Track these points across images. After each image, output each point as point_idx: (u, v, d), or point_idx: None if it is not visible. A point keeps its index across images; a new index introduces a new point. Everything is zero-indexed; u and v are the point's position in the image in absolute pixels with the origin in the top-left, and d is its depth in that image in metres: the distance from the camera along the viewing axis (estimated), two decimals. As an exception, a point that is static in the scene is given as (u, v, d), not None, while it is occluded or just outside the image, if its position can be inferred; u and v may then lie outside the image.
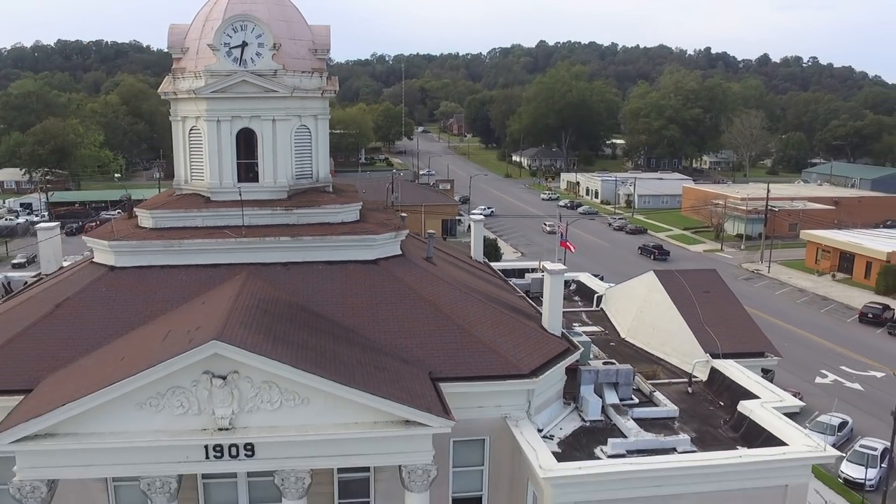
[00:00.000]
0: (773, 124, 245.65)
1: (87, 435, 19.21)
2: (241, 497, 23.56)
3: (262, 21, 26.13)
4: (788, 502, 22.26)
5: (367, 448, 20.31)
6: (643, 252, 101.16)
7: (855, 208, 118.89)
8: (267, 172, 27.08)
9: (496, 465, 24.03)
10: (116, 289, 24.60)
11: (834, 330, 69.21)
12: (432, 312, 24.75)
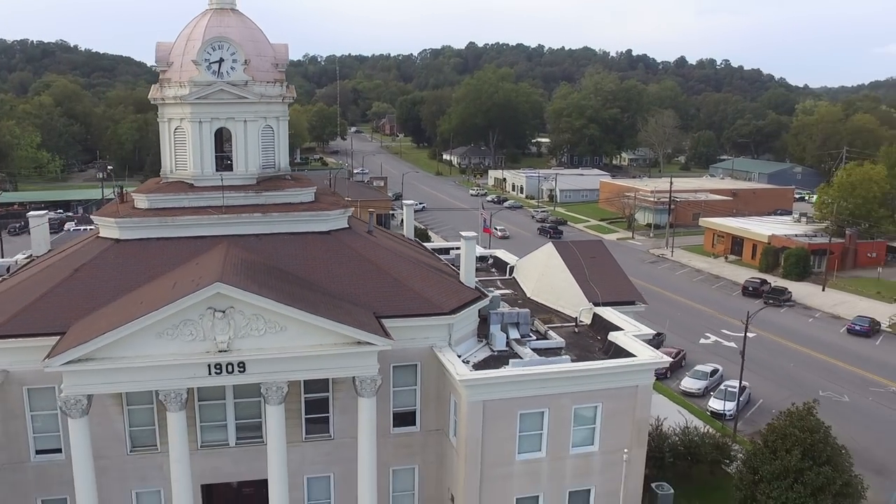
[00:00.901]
0: (687, 123, 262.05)
1: (119, 358, 25.71)
2: (228, 415, 30.34)
3: (235, 41, 32.85)
4: (638, 400, 30.56)
5: (329, 363, 27.47)
6: (541, 232, 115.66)
7: (750, 199, 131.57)
8: (240, 163, 33.80)
9: (426, 385, 31.49)
10: (123, 256, 30.94)
11: (720, 302, 79.55)
12: (374, 269, 32.03)
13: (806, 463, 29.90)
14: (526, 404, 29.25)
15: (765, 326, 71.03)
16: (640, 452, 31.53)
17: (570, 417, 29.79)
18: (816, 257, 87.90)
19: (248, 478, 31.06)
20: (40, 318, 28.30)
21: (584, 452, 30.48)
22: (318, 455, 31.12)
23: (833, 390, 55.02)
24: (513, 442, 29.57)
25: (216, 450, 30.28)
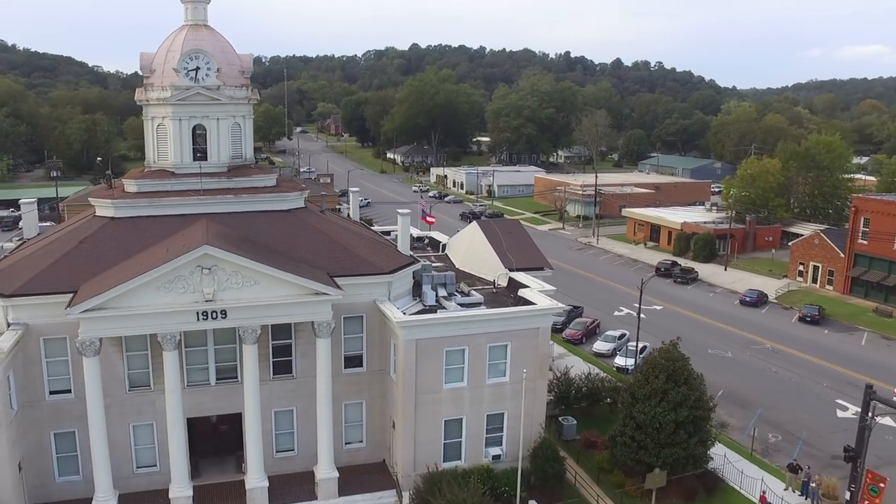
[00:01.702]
0: (621, 123, 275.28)
1: (125, 307, 32.38)
2: (209, 359, 37.17)
3: (208, 52, 39.68)
4: (539, 339, 38.66)
5: (293, 311, 34.65)
6: (463, 217, 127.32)
7: (672, 192, 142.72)
8: (213, 154, 40.64)
9: (370, 333, 38.90)
10: (118, 231, 37.48)
11: (635, 281, 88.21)
12: (327, 240, 39.32)
13: (669, 385, 38.36)
14: (450, 343, 36.99)
15: (673, 301, 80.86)
16: (543, 383, 39.70)
17: (485, 354, 37.66)
18: (721, 241, 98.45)
19: (225, 412, 37.93)
20: (54, 280, 34.66)
21: (497, 382, 38.40)
22: (283, 391, 38.20)
23: (720, 348, 64.56)
24: (440, 374, 37.25)
25: (200, 388, 37.05)
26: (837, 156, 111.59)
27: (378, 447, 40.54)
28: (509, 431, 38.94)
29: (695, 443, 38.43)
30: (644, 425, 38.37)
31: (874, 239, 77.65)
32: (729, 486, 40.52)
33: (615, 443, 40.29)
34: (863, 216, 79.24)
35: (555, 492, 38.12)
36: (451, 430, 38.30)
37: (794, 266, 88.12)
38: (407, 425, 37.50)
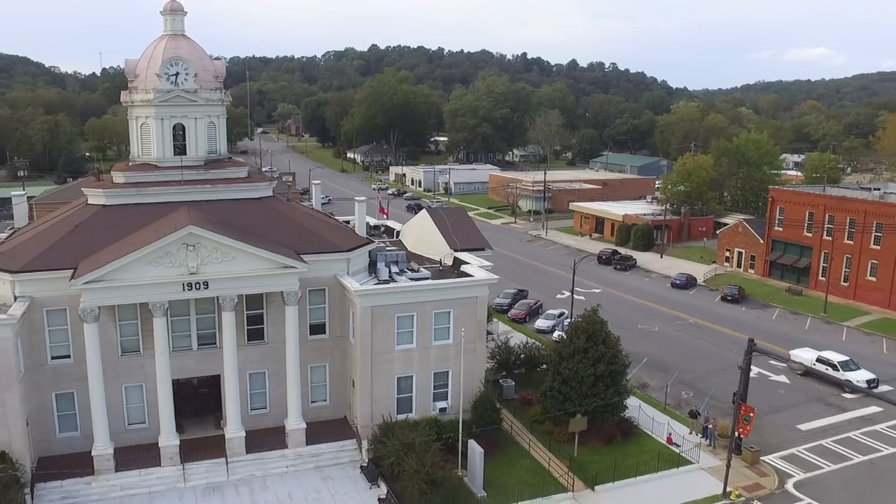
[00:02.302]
0: (575, 122, 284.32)
1: (121, 280, 37.82)
2: (192, 327, 42.68)
3: (187, 59, 45.19)
4: (478, 306, 45.08)
5: (265, 282, 40.46)
6: (409, 209, 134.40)
7: (619, 188, 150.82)
8: (191, 149, 46.14)
9: (332, 303, 44.83)
10: (110, 216, 42.78)
11: (580, 268, 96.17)
12: (293, 224, 45.17)
13: (589, 344, 45.09)
14: (401, 310, 43.16)
15: (611, 285, 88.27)
16: (481, 344, 46.16)
17: (431, 319, 43.91)
18: (658, 231, 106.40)
19: (206, 374, 43.52)
20: (56, 258, 39.88)
21: (442, 344, 44.67)
22: (256, 355, 43.89)
23: (649, 324, 71.92)
24: (392, 337, 43.39)
25: (183, 353, 42.51)
26: (765, 153, 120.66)
27: (340, 405, 46.51)
28: (453, 387, 45.27)
29: (611, 393, 45.25)
30: (569, 379, 45.04)
31: (788, 226, 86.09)
32: (642, 431, 47.47)
33: (545, 397, 46.92)
34: (778, 206, 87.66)
35: (493, 438, 44.46)
36: (402, 386, 44.46)
37: (721, 252, 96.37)
38: (364, 383, 43.55)
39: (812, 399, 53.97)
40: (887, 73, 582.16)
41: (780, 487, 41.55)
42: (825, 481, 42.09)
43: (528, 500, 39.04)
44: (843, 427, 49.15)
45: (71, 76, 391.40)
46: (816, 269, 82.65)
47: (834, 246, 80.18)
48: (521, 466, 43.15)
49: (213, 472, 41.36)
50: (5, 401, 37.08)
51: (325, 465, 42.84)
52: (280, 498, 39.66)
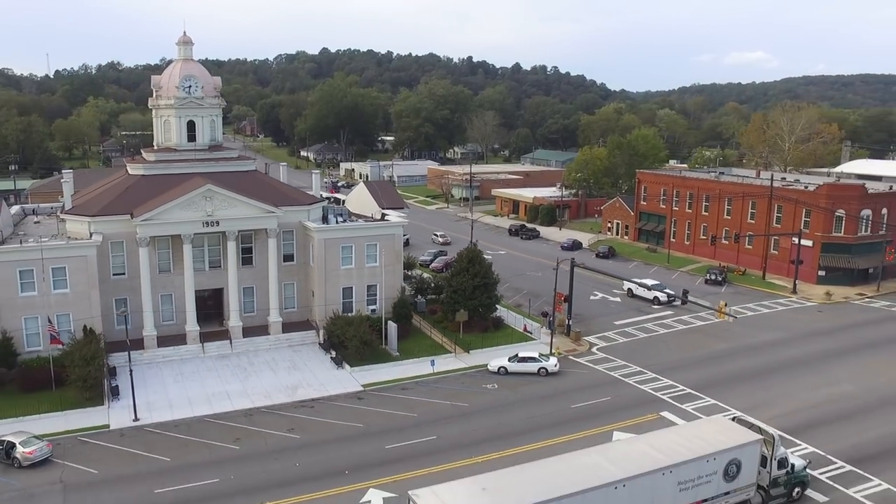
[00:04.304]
0: (513, 122, 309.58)
1: (164, 219, 59.55)
2: (205, 254, 64.41)
3: (196, 76, 66.96)
4: (395, 240, 67.98)
5: (255, 222, 62.69)
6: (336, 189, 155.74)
7: (539, 178, 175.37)
8: (199, 137, 67.87)
9: (298, 240, 67.09)
10: (148, 182, 64.28)
11: (493, 238, 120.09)
12: (271, 188, 67.37)
13: (469, 265, 68.11)
14: (344, 242, 65.62)
15: (517, 249, 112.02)
16: (399, 266, 68.99)
17: (364, 247, 66.48)
18: (560, 210, 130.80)
19: (213, 287, 65.23)
20: (116, 207, 61.22)
21: (372, 265, 67.24)
22: (247, 275, 65.73)
23: (535, 272, 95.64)
24: (339, 260, 65.76)
25: (199, 272, 64.09)
26: (652, 146, 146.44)
27: (304, 311, 68.67)
28: (380, 295, 67.89)
29: (485, 298, 68.49)
30: (457, 288, 68.14)
31: (650, 201, 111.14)
32: (509, 325, 70.86)
33: (443, 302, 69.98)
34: (643, 185, 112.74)
35: (406, 328, 67.14)
36: (346, 294, 66.88)
37: (605, 224, 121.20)
38: (320, 291, 65.91)
39: (631, 309, 78.35)
40: (812, 76, 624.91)
41: (588, 350, 65.41)
42: (617, 347, 66.13)
43: (425, 356, 61.78)
44: (642, 322, 73.50)
45: (27, 78, 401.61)
46: (669, 233, 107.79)
47: (679, 214, 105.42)
48: (425, 344, 66.05)
49: (222, 349, 63.25)
50: (90, 296, 58.33)
51: (295, 344, 65.15)
52: (267, 360, 61.76)
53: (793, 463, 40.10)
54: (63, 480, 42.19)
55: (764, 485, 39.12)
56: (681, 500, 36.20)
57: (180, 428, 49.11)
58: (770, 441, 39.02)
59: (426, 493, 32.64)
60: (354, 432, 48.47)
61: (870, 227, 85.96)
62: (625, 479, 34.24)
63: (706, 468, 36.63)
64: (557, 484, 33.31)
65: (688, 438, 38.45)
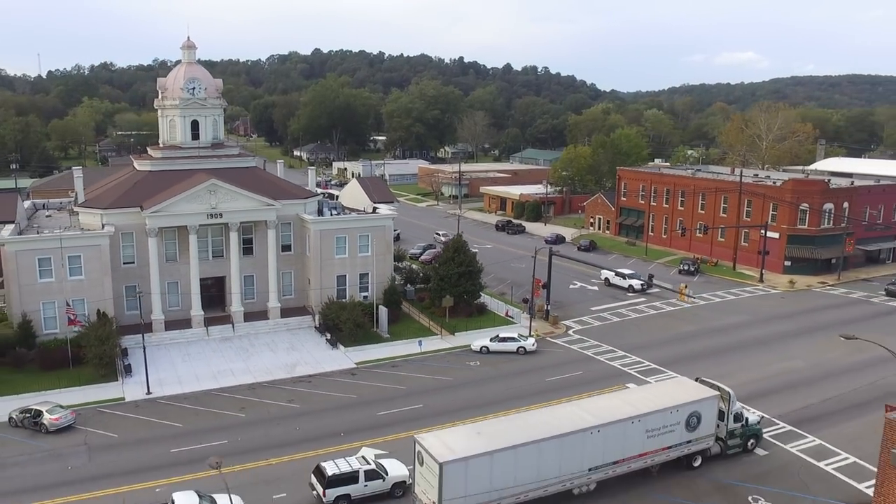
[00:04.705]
0: (504, 122, 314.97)
1: (171, 211, 64.34)
2: (209, 244, 69.24)
3: (200, 79, 71.76)
4: (385, 231, 72.97)
5: (256, 214, 67.56)
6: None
7: (526, 176, 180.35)
8: (202, 136, 72.65)
9: (295, 231, 71.97)
10: (155, 177, 69.02)
11: (481, 233, 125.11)
12: (270, 183, 72.24)
13: (455, 254, 73.14)
14: (338, 233, 70.53)
15: (502, 243, 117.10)
16: (389, 256, 73.94)
17: (356, 238, 71.41)
18: (545, 206, 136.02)
19: (216, 275, 70.03)
20: (127, 200, 65.96)
21: (364, 255, 72.16)
22: (248, 264, 70.56)
23: (519, 264, 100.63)
24: (333, 250, 70.65)
25: (203, 260, 68.90)
26: (634, 145, 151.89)
27: (301, 298, 73.52)
28: (371, 282, 72.83)
29: (469, 285, 73.53)
30: (444, 276, 73.16)
31: (629, 196, 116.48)
32: (492, 311, 75.90)
33: (430, 290, 74.98)
34: (623, 182, 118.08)
35: (396, 313, 72.10)
36: (340, 281, 71.78)
37: (588, 219, 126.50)
38: (316, 279, 70.80)
39: (608, 296, 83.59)
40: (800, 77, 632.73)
41: (565, 332, 70.56)
42: (591, 329, 71.30)
43: (414, 338, 66.69)
44: (617, 308, 78.73)
45: (20, 79, 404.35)
46: (647, 227, 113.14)
47: (656, 209, 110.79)
48: (413, 327, 71.02)
49: (224, 332, 68.07)
50: (104, 282, 63.04)
51: (293, 328, 70.04)
52: (267, 342, 66.63)
53: (747, 417, 45.63)
54: (87, 443, 46.99)
55: (722, 436, 44.67)
56: (649, 446, 41.66)
57: (189, 400, 53.95)
58: (726, 397, 44.42)
59: (430, 436, 37.99)
60: (349, 402, 53.44)
61: (832, 220, 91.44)
62: (599, 426, 39.75)
63: (670, 419, 42.03)
64: (541, 429, 38.82)
65: (655, 395, 44.09)
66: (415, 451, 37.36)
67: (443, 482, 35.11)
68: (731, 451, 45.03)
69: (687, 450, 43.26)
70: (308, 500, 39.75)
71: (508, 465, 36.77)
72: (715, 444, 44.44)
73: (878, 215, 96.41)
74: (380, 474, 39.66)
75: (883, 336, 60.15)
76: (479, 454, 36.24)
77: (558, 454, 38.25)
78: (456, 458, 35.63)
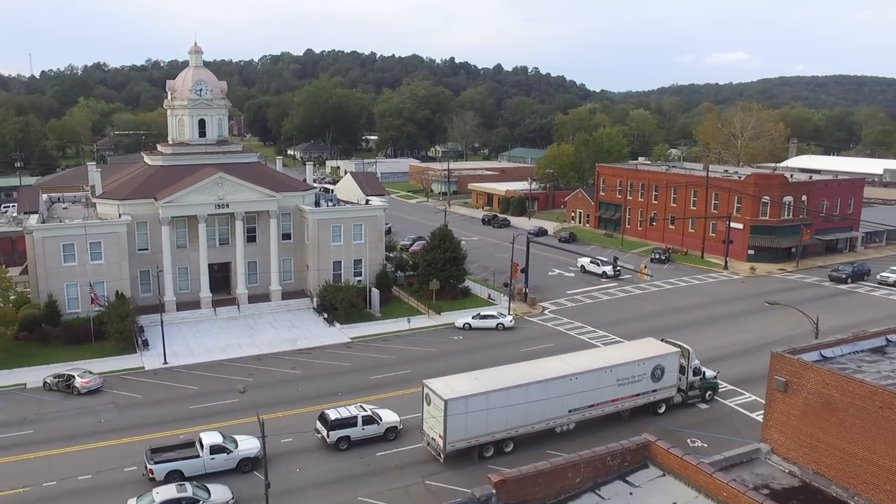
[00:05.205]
0: (494, 122, 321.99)
1: (183, 202, 70.88)
2: (216, 232, 75.77)
3: (206, 81, 78.28)
4: (377, 221, 79.70)
5: (259, 205, 74.15)
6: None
7: (514, 173, 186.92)
8: (209, 133, 79.17)
9: (295, 221, 78.61)
10: (165, 171, 75.51)
11: (467, 226, 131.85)
12: (271, 177, 78.84)
13: (441, 242, 79.84)
14: (334, 222, 77.18)
15: (488, 236, 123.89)
16: (380, 244, 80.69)
17: (351, 227, 78.07)
18: (529, 202, 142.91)
19: (222, 261, 76.51)
20: (141, 192, 72.42)
21: (357, 242, 78.84)
22: (251, 250, 77.09)
23: (502, 254, 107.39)
24: (329, 237, 77.29)
25: (211, 247, 75.40)
26: (615, 143, 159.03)
27: (300, 282, 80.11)
28: (365, 267, 79.48)
29: (454, 270, 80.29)
30: (430, 262, 79.91)
31: (608, 191, 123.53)
32: (476, 294, 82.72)
33: (419, 274, 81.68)
34: (602, 177, 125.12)
35: (387, 295, 78.80)
36: (336, 267, 78.40)
37: (569, 213, 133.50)
38: (314, 264, 77.42)
39: (583, 281, 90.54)
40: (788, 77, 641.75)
41: (541, 312, 77.43)
42: (565, 310, 78.23)
43: (403, 317, 73.37)
44: (590, 291, 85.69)
45: (15, 79, 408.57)
46: (624, 219, 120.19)
47: (632, 203, 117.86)
48: (403, 308, 77.73)
49: (231, 312, 74.61)
50: (121, 266, 69.46)
51: (293, 309, 76.65)
52: (269, 321, 73.20)
53: (705, 372, 53.05)
54: (115, 402, 53.55)
55: (683, 388, 52.19)
56: (619, 393, 49.20)
57: (202, 368, 60.51)
58: (686, 354, 51.98)
59: (436, 380, 45.56)
60: (345, 369, 60.14)
61: (792, 212, 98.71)
62: (577, 374, 47.40)
63: (637, 370, 49.61)
64: (529, 376, 46.38)
65: (625, 350, 52.55)
66: (423, 394, 44.51)
67: (447, 417, 42.16)
68: (692, 400, 52.47)
69: (653, 397, 50.70)
70: (311, 442, 46.44)
71: (501, 404, 44.00)
72: (677, 395, 51.94)
73: (836, 208, 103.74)
74: (375, 420, 46.43)
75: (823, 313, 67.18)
76: (477, 393, 43.62)
77: (543, 396, 45.62)
78: (458, 395, 42.91)
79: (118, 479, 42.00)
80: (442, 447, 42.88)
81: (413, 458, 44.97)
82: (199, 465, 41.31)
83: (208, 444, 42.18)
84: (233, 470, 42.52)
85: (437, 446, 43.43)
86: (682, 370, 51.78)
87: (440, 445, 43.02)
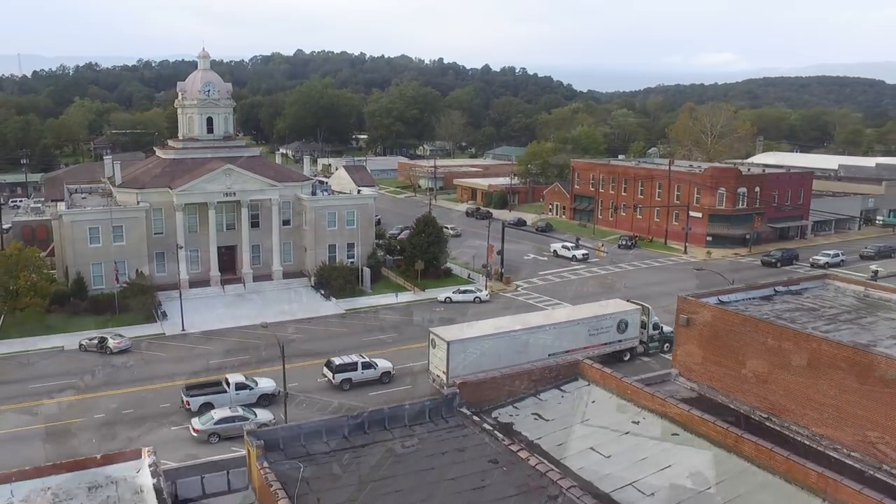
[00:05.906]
0: (480, 121, 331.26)
1: (195, 189, 79.70)
2: (223, 218, 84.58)
3: (214, 83, 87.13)
4: (367, 208, 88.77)
5: (262, 193, 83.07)
6: None
7: (496, 170, 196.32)
8: (216, 130, 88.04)
9: (294, 208, 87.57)
10: (177, 164, 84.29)
11: (455, 219, 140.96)
12: (272, 168, 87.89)
13: (425, 227, 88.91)
14: (329, 209, 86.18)
15: (472, 226, 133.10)
16: (371, 229, 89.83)
17: (345, 214, 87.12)
18: (510, 196, 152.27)
19: (229, 244, 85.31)
20: (157, 182, 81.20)
21: (350, 227, 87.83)
22: (255, 235, 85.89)
23: (483, 241, 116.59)
24: (326, 222, 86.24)
25: (219, 231, 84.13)
26: (593, 141, 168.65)
27: (298, 264, 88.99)
28: (357, 249, 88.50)
29: (437, 252, 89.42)
30: (416, 245, 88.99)
31: (582, 184, 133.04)
32: (457, 275, 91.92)
33: (405, 257, 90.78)
34: (577, 172, 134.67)
35: (377, 274, 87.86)
36: (331, 250, 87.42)
37: (547, 206, 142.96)
38: (311, 247, 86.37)
39: (555, 264, 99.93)
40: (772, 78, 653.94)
41: (515, 289, 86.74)
42: (537, 287, 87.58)
43: (391, 293, 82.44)
44: (561, 272, 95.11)
45: (8, 79, 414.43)
46: (597, 210, 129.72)
47: (604, 195, 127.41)
48: (391, 286, 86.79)
49: (237, 290, 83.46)
50: (140, 247, 78.22)
51: (293, 287, 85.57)
52: (273, 297, 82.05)
53: (663, 327, 62.70)
54: (144, 359, 62.43)
55: (644, 340, 62.53)
56: (591, 342, 59.34)
57: (216, 334, 69.43)
58: (647, 311, 62.26)
59: (440, 328, 55.50)
60: (340, 334, 69.21)
61: (746, 202, 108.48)
62: (553, 324, 57.67)
63: (605, 323, 60.01)
64: (516, 325, 56.33)
65: (595, 308, 63.03)
66: (429, 339, 54.24)
67: (449, 357, 51.53)
68: (652, 350, 63.17)
69: (619, 346, 61.18)
70: (313, 386, 55.51)
71: (493, 347, 53.73)
72: (639, 346, 62.51)
73: (787, 198, 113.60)
74: (372, 365, 55.79)
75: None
76: (474, 337, 53.70)
77: (527, 342, 55.28)
78: (458, 338, 52.70)
79: (156, 412, 50.97)
80: (445, 381, 52.32)
81: (402, 396, 54.08)
82: (227, 399, 50.26)
83: (234, 382, 51.22)
84: (254, 404, 51.47)
85: (441, 381, 52.87)
86: (643, 325, 62.10)
87: (444, 380, 52.46)
